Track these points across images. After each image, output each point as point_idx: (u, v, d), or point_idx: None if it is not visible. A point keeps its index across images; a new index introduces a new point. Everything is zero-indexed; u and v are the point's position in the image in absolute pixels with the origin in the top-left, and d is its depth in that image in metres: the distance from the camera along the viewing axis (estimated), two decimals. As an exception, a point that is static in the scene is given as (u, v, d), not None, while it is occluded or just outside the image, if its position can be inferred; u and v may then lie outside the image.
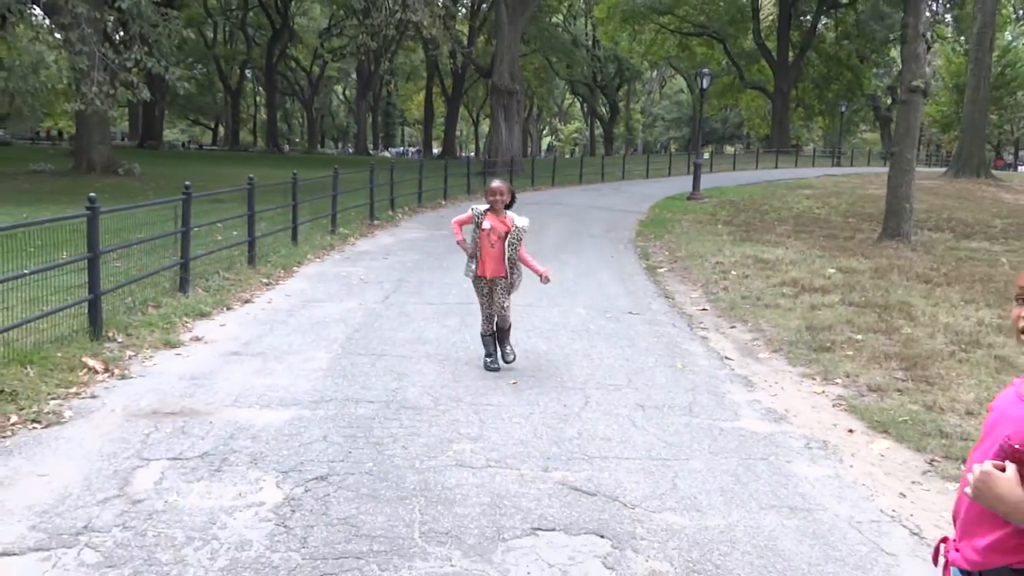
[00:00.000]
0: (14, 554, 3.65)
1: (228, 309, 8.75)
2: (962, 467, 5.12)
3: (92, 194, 7.16)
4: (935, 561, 2.14)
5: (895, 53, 56.53)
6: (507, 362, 6.90)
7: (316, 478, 4.53)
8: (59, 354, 6.47)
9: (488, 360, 6.85)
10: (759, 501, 4.50)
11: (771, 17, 61.05)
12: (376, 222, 16.82)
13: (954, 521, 2.09)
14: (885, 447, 5.50)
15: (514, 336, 7.90)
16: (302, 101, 75.73)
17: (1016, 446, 1.89)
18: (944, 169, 44.23)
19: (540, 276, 6.79)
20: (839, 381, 6.95)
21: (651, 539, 3.98)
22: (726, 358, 7.65)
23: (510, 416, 5.67)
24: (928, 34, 16.68)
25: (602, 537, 3.98)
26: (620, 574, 3.65)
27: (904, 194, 16.40)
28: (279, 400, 5.83)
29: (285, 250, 12.25)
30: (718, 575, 3.68)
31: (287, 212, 13.71)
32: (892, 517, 4.41)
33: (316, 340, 7.54)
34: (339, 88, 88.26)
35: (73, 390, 5.89)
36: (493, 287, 6.79)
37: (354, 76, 74.36)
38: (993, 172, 43.71)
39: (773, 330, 8.67)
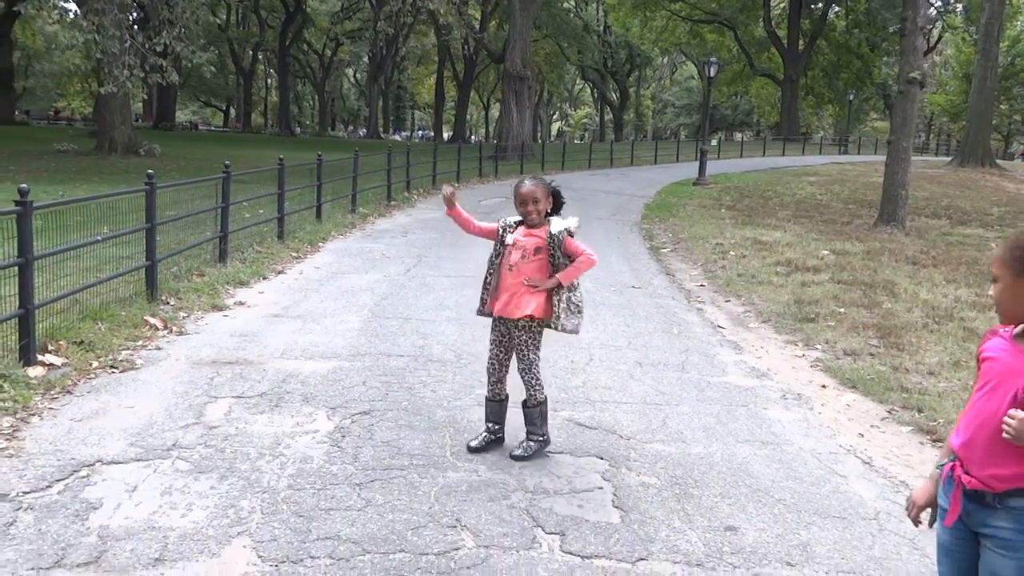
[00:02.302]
0: (120, 462, 4.49)
1: (264, 279, 9.59)
2: (916, 415, 5.95)
3: (150, 171, 8.03)
4: (943, 480, 2.55)
5: (905, 42, 57.11)
6: (517, 457, 4.71)
7: (360, 412, 5.37)
8: (123, 313, 7.32)
9: (485, 435, 4.83)
10: (736, 436, 5.33)
11: (782, 5, 61.56)
12: (393, 203, 17.65)
13: (962, 452, 2.47)
14: (852, 399, 6.32)
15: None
16: (314, 84, 76.52)
17: None
18: (951, 158, 44.81)
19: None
20: (819, 347, 7.76)
21: (642, 461, 4.82)
22: (719, 326, 8.46)
23: (524, 369, 6.51)
24: (928, 27, 17.33)
25: (601, 459, 4.82)
26: (615, 484, 4.48)
27: (900, 181, 17.14)
28: (321, 353, 6.67)
29: (310, 227, 13.08)
30: (696, 487, 4.51)
31: (309, 192, 14.52)
32: (848, 450, 5.24)
33: (347, 306, 8.38)
34: (350, 71, 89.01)
35: (140, 343, 6.74)
36: (508, 331, 4.72)
37: (366, 59, 75.12)
38: (999, 162, 44.27)
39: (764, 304, 9.47)
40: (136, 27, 20.74)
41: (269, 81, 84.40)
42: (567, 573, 3.56)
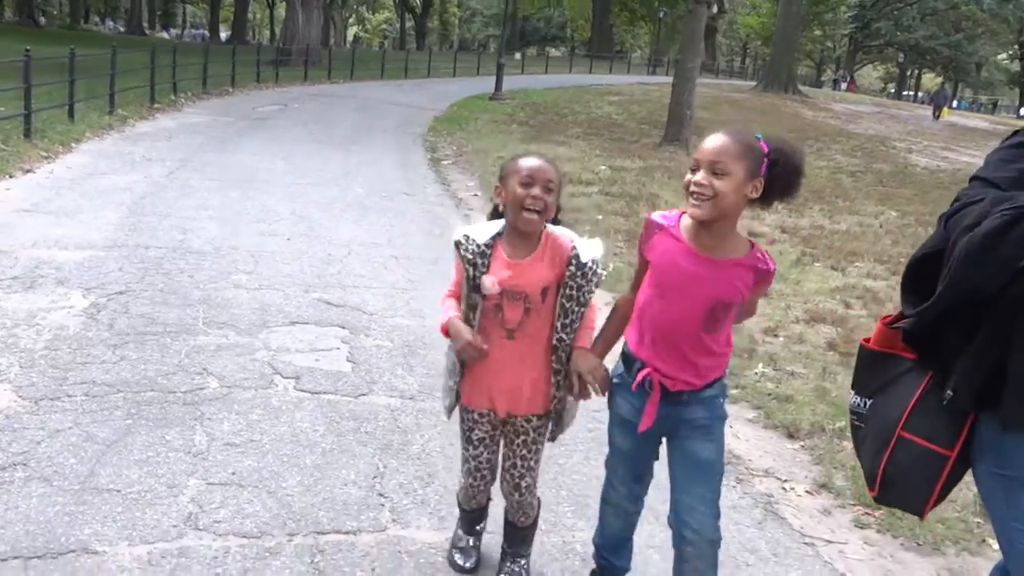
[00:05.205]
0: None
1: (10, 177, 10.00)
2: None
3: None
4: (636, 387, 2.77)
5: (720, -41, 60.42)
6: None
7: (116, 292, 6.23)
8: None
9: (458, 556, 3.38)
10: (471, 314, 6.59)
11: (596, -90, 63.49)
12: (157, 106, 17.86)
13: (656, 359, 2.74)
14: (585, 289, 7.74)
15: (290, 207, 9.72)
16: (62, -33, 72.05)
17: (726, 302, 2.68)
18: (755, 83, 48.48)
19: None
20: (569, 247, 9.18)
21: (380, 330, 5.99)
22: (481, 230, 9.73)
23: (282, 259, 7.52)
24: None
25: (343, 328, 5.96)
26: (352, 346, 5.64)
27: (686, 101, 19.09)
28: (75, 244, 7.40)
29: (62, 127, 13.32)
30: (424, 348, 5.72)
31: (59, 89, 14.63)
32: (567, 325, 6.61)
33: (104, 204, 9.03)
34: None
35: None
36: (508, 430, 3.10)
37: (126, -58, 71.40)
38: (802, 89, 48.34)
39: (530, 211, 10.83)
40: None
41: (6, -39, 78.51)
42: (296, 403, 4.69)
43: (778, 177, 2.59)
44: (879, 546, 3.90)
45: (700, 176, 2.55)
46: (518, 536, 3.29)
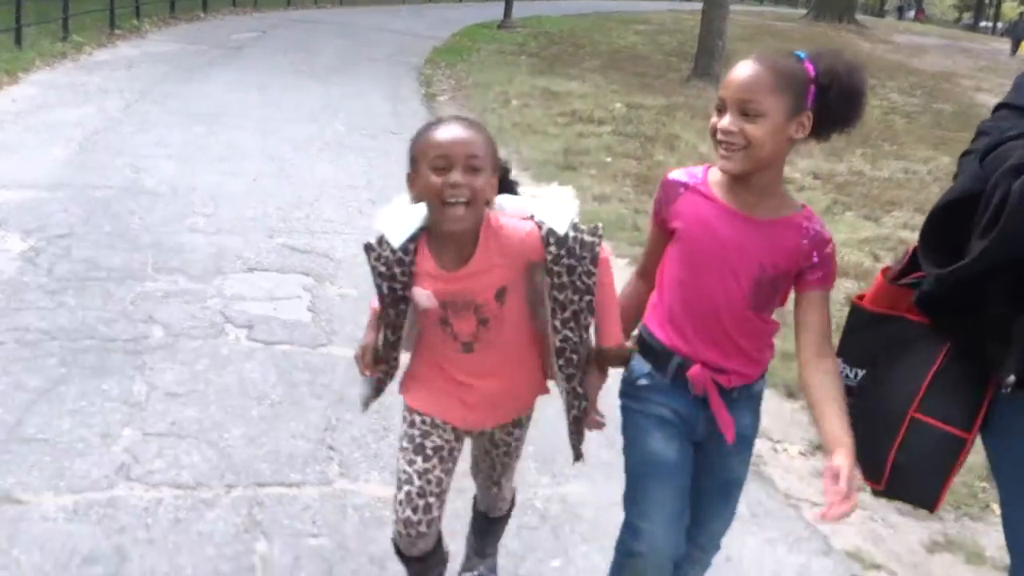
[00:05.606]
0: None
1: (-52, 109, 10.23)
2: (638, 249, 7.60)
3: None
4: (698, 390, 2.44)
5: None
6: None
7: (58, 235, 6.44)
8: None
9: None
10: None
11: None
12: (118, 32, 18.01)
13: (702, 350, 2.44)
14: (583, 237, 7.91)
15: (260, 144, 9.91)
16: None
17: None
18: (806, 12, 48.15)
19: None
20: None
21: (346, 278, 6.19)
22: (473, 172, 9.91)
23: (245, 202, 7.72)
24: None
25: (307, 276, 6.17)
26: (315, 294, 5.85)
27: (717, 30, 19.08)
28: (16, 184, 7.60)
29: (7, 55, 13.50)
30: (395, 298, 5.92)
31: (5, 12, 14.83)
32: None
33: (51, 139, 9.23)
34: None
35: None
36: (479, 437, 2.86)
37: None
38: (859, 18, 47.98)
39: (531, 152, 10.98)
40: None
41: None
42: (247, 353, 4.91)
43: (832, 104, 2.30)
44: (871, 509, 4.09)
45: (727, 121, 2.28)
46: (488, 528, 3.12)
